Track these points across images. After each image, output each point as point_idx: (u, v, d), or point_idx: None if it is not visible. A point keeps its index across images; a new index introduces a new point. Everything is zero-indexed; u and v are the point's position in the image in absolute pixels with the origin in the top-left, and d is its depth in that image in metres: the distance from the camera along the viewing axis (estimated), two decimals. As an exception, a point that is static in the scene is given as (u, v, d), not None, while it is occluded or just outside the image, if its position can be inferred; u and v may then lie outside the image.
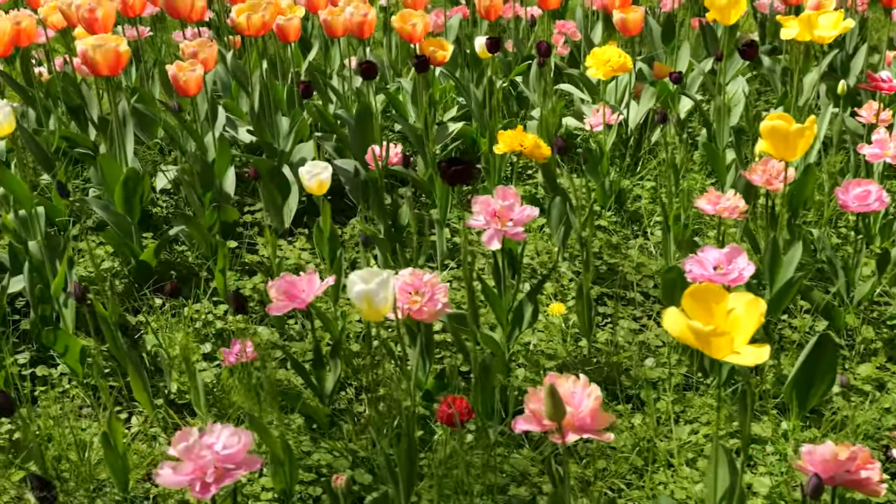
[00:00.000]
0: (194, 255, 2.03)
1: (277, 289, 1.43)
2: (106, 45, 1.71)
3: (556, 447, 1.45)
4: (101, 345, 1.75)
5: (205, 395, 1.44)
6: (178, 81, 1.84)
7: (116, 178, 1.91)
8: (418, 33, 2.20)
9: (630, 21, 2.36)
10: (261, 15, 1.99)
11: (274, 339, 1.79)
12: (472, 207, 1.58)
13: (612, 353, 1.73)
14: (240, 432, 1.07)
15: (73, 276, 1.60)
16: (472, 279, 1.48)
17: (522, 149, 1.88)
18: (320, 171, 1.54)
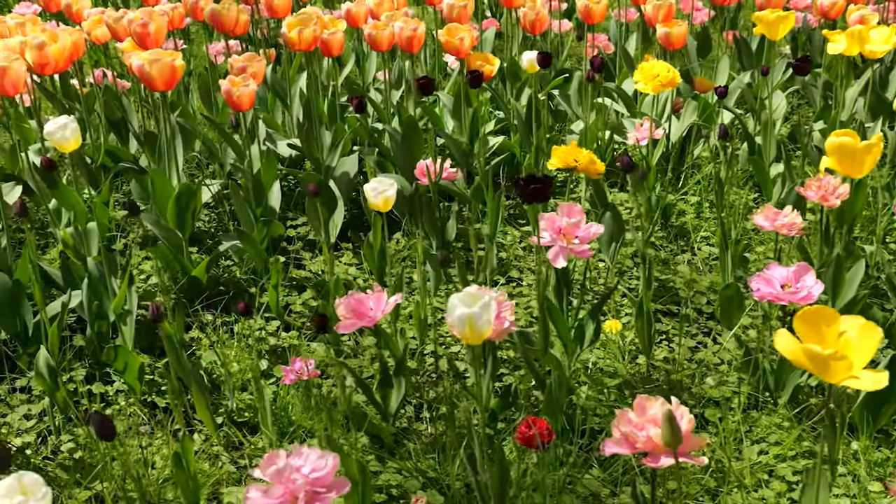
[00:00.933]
0: (242, 271, 2.02)
1: (346, 307, 1.42)
2: (162, 59, 1.70)
3: (627, 469, 1.44)
4: (156, 362, 1.74)
5: (280, 414, 1.42)
6: (231, 96, 1.83)
7: (166, 193, 1.91)
8: (465, 47, 2.19)
9: (674, 35, 2.35)
10: (312, 30, 1.99)
11: (329, 356, 1.77)
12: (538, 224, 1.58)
13: (672, 371, 1.71)
14: (327, 455, 1.06)
15: (133, 293, 1.59)
16: (545, 297, 1.46)
17: (577, 164, 1.86)
18: (386, 188, 1.53)
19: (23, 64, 1.74)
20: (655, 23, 2.45)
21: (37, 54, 1.65)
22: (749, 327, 1.85)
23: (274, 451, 1.06)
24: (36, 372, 1.52)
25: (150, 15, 1.84)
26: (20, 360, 1.73)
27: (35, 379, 1.53)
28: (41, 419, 1.62)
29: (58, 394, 1.55)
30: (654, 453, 1.08)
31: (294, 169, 2.24)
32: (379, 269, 2.00)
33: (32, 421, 1.60)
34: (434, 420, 1.59)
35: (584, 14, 2.45)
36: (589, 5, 2.43)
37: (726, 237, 1.85)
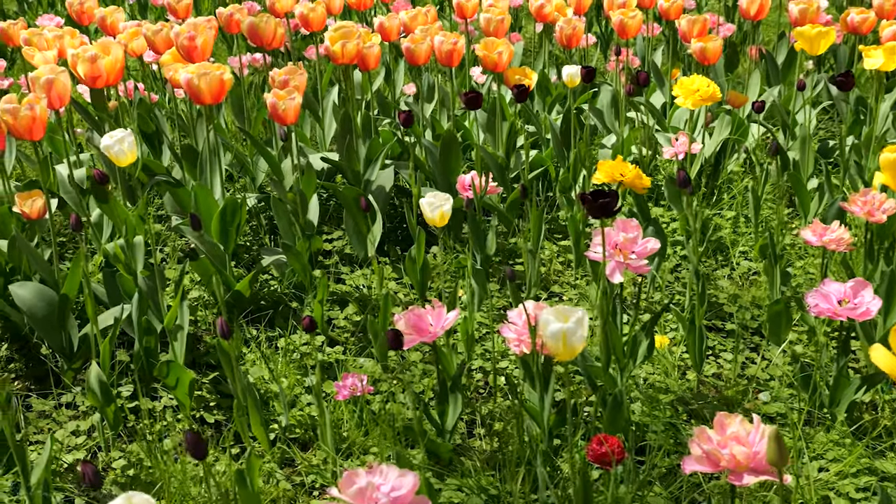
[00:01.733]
0: (284, 285, 2.01)
1: (406, 322, 1.41)
2: (211, 73, 1.69)
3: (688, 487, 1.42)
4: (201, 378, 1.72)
5: (332, 431, 1.41)
6: (276, 110, 1.82)
7: (209, 207, 1.89)
8: (503, 62, 2.19)
9: (709, 50, 2.35)
10: (355, 43, 1.98)
11: (377, 371, 1.76)
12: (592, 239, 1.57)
13: (724, 387, 1.70)
14: (407, 473, 1.05)
15: (184, 308, 1.58)
16: (608, 312, 1.45)
17: (622, 178, 1.86)
18: (443, 203, 1.52)
19: (68, 76, 1.73)
20: (690, 38, 2.45)
21: (89, 67, 1.64)
22: (795, 342, 1.84)
23: (353, 471, 1.04)
24: (87, 387, 1.51)
25: (197, 28, 1.83)
26: (65, 375, 1.72)
27: (86, 394, 1.51)
28: (89, 435, 1.60)
29: (108, 409, 1.53)
30: (736, 471, 1.07)
31: (331, 182, 2.23)
32: (421, 283, 1.99)
33: (81, 437, 1.58)
34: (489, 436, 1.58)
35: (619, 28, 2.45)
36: (624, 20, 2.43)
37: (775, 252, 1.84)
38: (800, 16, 2.41)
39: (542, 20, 2.53)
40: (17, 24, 2.43)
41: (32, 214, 1.73)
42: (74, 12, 2.55)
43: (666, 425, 1.58)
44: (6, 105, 1.50)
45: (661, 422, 1.59)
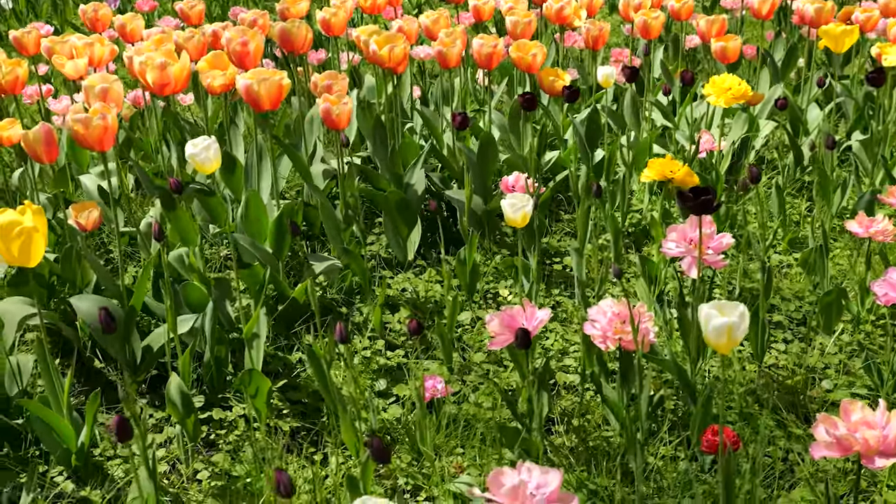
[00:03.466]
0: (334, 291, 2.00)
1: (500, 322, 1.42)
2: (270, 79, 1.68)
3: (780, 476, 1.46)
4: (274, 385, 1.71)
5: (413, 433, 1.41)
6: (329, 115, 1.81)
7: (259, 213, 1.88)
8: (537, 63, 2.21)
9: (729, 49, 2.40)
10: (402, 47, 1.98)
11: (442, 372, 1.76)
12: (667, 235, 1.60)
13: (786, 377, 1.74)
14: (550, 470, 1.06)
15: (263, 316, 1.56)
16: (686, 308, 1.48)
17: (672, 175, 1.89)
18: (525, 204, 1.53)
19: (121, 85, 1.70)
20: (709, 37, 2.50)
21: (158, 74, 1.62)
22: (842, 332, 1.89)
23: (499, 469, 1.05)
24: (167, 399, 1.48)
25: (249, 34, 1.81)
26: (129, 387, 1.69)
27: (167, 406, 1.49)
28: (164, 446, 1.57)
29: (188, 421, 1.51)
30: (867, 455, 1.10)
31: (370, 187, 2.22)
32: (470, 285, 2.00)
33: (160, 450, 1.56)
34: (569, 432, 1.60)
35: (643, 29, 2.49)
36: (647, 20, 2.47)
37: (825, 245, 1.89)
38: (815, 15, 2.47)
39: (561, 22, 2.56)
40: (31, 32, 2.38)
41: (88, 226, 1.69)
42: (88, 20, 2.51)
43: (740, 416, 1.61)
44: (77, 115, 1.47)
45: (735, 413, 1.62)
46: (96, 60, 2.09)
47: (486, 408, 1.65)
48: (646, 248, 2.30)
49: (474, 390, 1.72)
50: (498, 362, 1.81)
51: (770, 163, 2.78)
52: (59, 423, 1.38)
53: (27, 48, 2.35)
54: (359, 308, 2.00)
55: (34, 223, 1.25)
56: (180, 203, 1.68)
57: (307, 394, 1.71)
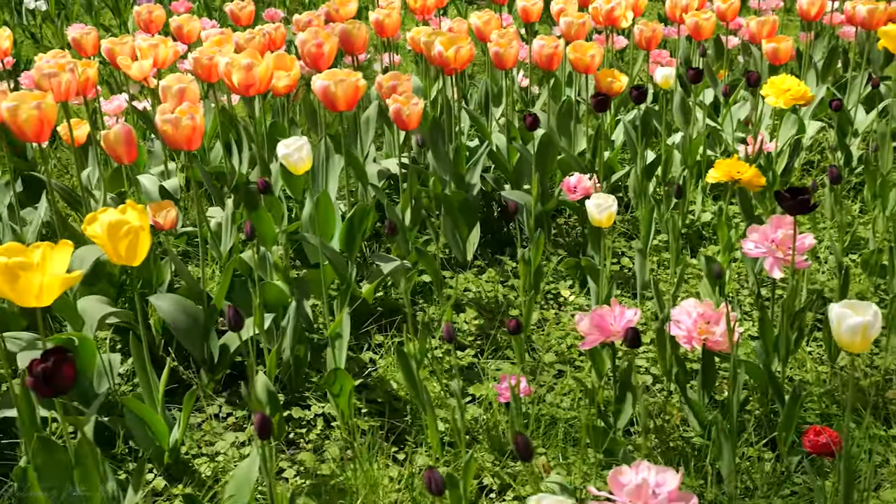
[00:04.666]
0: (400, 291, 2.00)
1: (590, 322, 1.43)
2: (347, 80, 1.69)
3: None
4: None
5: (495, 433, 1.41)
6: (400, 115, 1.82)
7: (328, 214, 1.89)
8: (595, 64, 2.22)
9: (781, 50, 2.41)
10: (469, 49, 1.99)
11: (515, 372, 1.77)
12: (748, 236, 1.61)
13: (859, 377, 1.75)
14: (666, 469, 1.06)
15: (347, 316, 1.57)
16: (764, 308, 1.49)
17: (740, 176, 1.90)
18: (610, 204, 1.54)
19: (197, 85, 1.72)
20: (760, 38, 2.50)
21: (244, 75, 1.62)
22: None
23: (618, 469, 1.06)
24: (253, 398, 1.49)
25: (324, 35, 1.82)
26: (207, 387, 1.70)
27: (252, 404, 1.50)
28: (240, 447, 1.58)
29: (273, 420, 1.52)
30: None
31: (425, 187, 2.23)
32: (534, 285, 2.01)
33: (245, 448, 1.57)
34: (648, 433, 1.60)
35: (694, 30, 2.50)
36: (699, 21, 2.48)
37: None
38: (868, 16, 2.48)
39: (611, 23, 2.57)
40: (90, 34, 2.39)
41: (166, 225, 1.70)
42: (143, 21, 2.52)
43: (821, 418, 1.62)
44: (167, 116, 1.48)
45: (815, 414, 1.63)
46: (160, 61, 2.10)
47: (563, 407, 1.66)
48: (702, 248, 2.31)
49: (549, 390, 1.73)
50: (568, 362, 1.82)
51: (817, 164, 2.79)
52: (154, 420, 1.39)
53: (85, 49, 2.36)
54: (423, 308, 2.01)
55: (140, 222, 1.26)
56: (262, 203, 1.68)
57: (381, 392, 1.72)
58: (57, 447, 1.19)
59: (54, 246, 1.14)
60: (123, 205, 1.30)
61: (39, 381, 0.86)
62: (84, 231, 1.28)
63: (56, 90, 1.68)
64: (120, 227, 1.24)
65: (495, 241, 2.37)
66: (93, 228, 1.27)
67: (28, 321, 1.83)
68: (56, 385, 0.86)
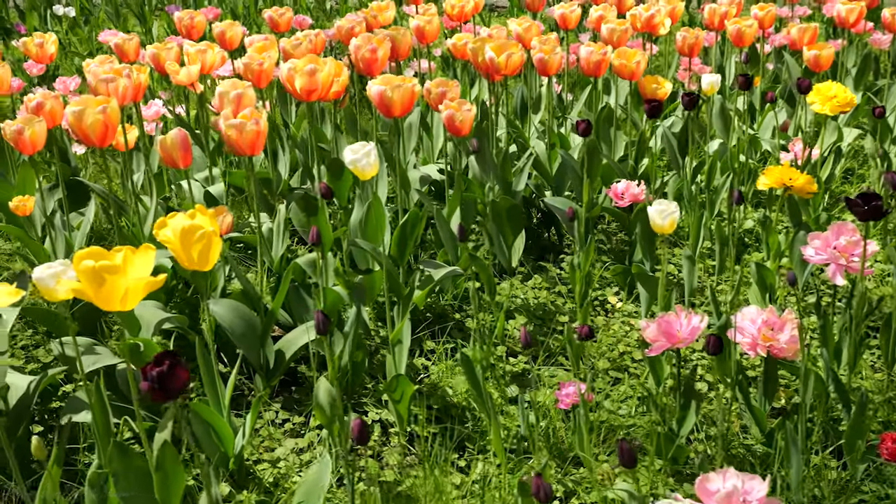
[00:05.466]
0: (449, 297, 2.00)
1: (657, 328, 1.42)
2: (404, 85, 1.69)
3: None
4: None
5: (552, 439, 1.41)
6: (453, 122, 1.82)
7: (381, 220, 1.89)
8: (640, 70, 2.22)
9: (823, 57, 2.41)
10: (519, 55, 1.99)
11: (570, 379, 1.76)
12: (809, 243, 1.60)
13: (916, 386, 1.74)
14: (754, 477, 1.06)
15: (408, 322, 1.57)
16: (830, 316, 1.48)
17: (792, 183, 1.89)
18: (673, 211, 1.54)
19: (253, 91, 1.72)
20: (801, 45, 2.50)
21: (307, 80, 1.62)
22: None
23: (705, 476, 1.05)
24: (315, 403, 1.49)
25: (377, 41, 1.82)
26: (263, 392, 1.70)
27: (315, 410, 1.50)
28: (300, 453, 1.58)
29: (334, 426, 1.51)
30: None
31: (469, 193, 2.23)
32: (583, 291, 2.00)
33: (306, 454, 1.57)
34: (710, 440, 1.60)
35: (736, 37, 2.50)
36: (741, 29, 2.47)
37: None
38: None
39: (650, 30, 2.57)
40: (132, 39, 2.40)
41: (223, 230, 1.70)
42: (184, 27, 2.52)
43: (884, 425, 1.61)
44: (231, 121, 1.48)
45: (877, 422, 1.62)
46: (207, 66, 2.10)
47: (621, 414, 1.66)
48: (746, 255, 2.30)
49: (605, 397, 1.72)
50: (621, 369, 1.82)
51: (854, 171, 2.78)
52: (221, 425, 1.39)
53: (128, 55, 2.37)
54: (470, 314, 2.01)
55: (213, 227, 1.25)
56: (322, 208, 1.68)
57: (437, 399, 1.71)
58: (133, 453, 1.19)
59: (135, 250, 1.14)
60: (192, 209, 1.30)
61: (154, 385, 0.85)
62: (156, 236, 1.27)
63: (113, 95, 1.68)
64: (193, 232, 1.24)
65: (536, 247, 2.37)
66: (164, 233, 1.27)
67: (79, 326, 1.83)
68: (170, 389, 0.86)
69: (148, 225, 1.90)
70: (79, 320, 1.82)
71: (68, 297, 1.15)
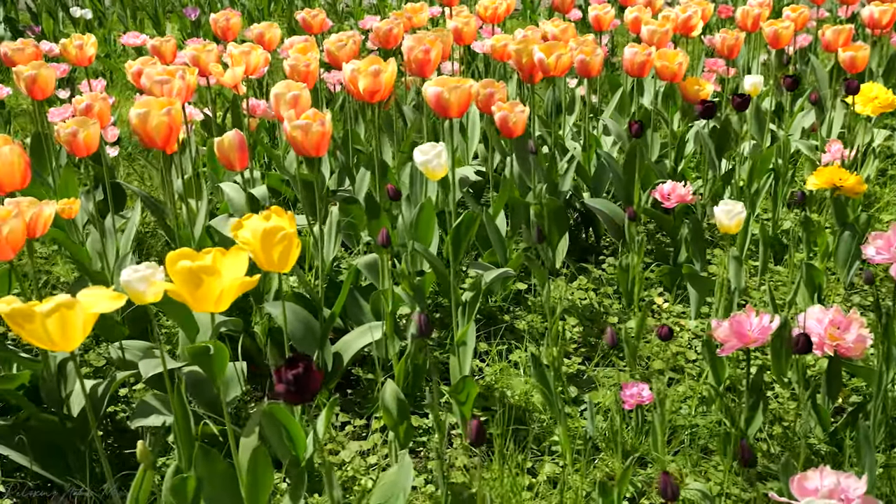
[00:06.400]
0: (498, 298, 2.00)
1: (729, 328, 1.42)
2: (461, 86, 1.68)
3: None
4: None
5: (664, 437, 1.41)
6: (507, 123, 1.82)
7: (431, 222, 1.88)
8: (682, 72, 2.22)
9: (859, 59, 2.41)
10: (569, 56, 1.99)
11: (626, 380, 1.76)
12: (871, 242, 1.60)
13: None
14: (850, 475, 1.06)
15: (473, 325, 1.56)
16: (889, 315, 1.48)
17: (842, 183, 1.90)
18: (740, 211, 1.54)
19: (308, 92, 1.71)
20: (836, 47, 2.51)
21: (371, 81, 1.62)
22: None
23: (802, 474, 1.06)
24: (382, 405, 1.48)
25: (430, 41, 1.82)
26: (321, 395, 1.69)
27: (382, 413, 1.49)
28: (365, 456, 1.57)
29: (400, 428, 1.51)
30: None
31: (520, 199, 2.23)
32: (630, 292, 2.00)
33: (372, 457, 1.56)
34: (773, 438, 1.60)
35: (773, 38, 2.50)
36: (778, 30, 2.48)
37: None
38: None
39: (686, 32, 2.57)
40: (170, 41, 2.39)
41: (278, 233, 1.69)
42: (220, 28, 2.52)
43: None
44: (297, 122, 1.47)
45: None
46: (251, 68, 2.09)
47: (682, 414, 1.65)
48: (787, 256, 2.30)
49: (664, 398, 1.72)
50: (677, 369, 1.82)
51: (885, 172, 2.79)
52: (295, 428, 1.38)
53: (165, 57, 2.36)
54: (518, 315, 2.01)
55: (293, 228, 1.25)
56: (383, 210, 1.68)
57: (494, 400, 1.71)
58: (218, 457, 1.19)
59: (225, 251, 1.13)
60: (266, 211, 1.30)
61: (290, 386, 0.85)
62: (234, 237, 1.27)
63: (168, 97, 1.67)
64: (275, 234, 1.23)
65: (576, 249, 2.37)
66: (243, 235, 1.26)
67: (129, 330, 1.82)
68: (306, 390, 0.86)
69: (198, 226, 1.90)
70: (128, 324, 1.81)
71: (157, 299, 1.14)
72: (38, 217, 1.29)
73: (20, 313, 0.96)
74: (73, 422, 1.43)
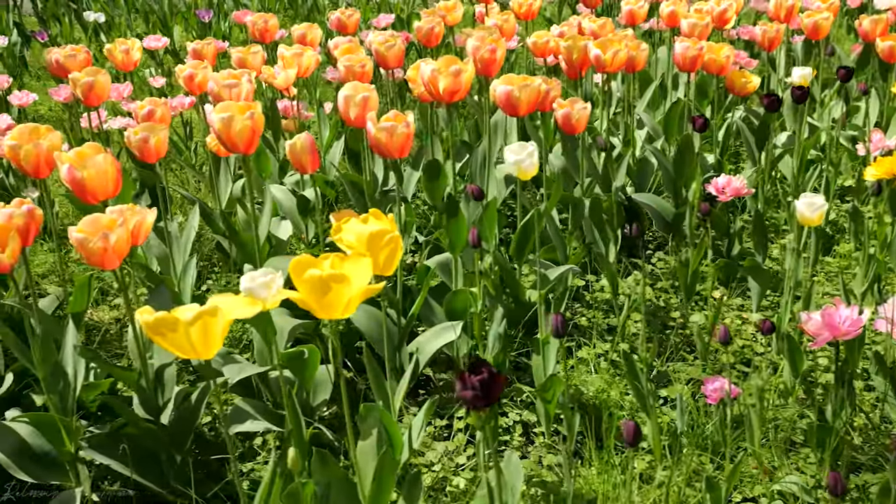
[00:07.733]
0: (557, 295, 2.00)
1: (821, 321, 1.43)
2: (531, 85, 1.68)
3: None
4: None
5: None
6: (569, 120, 1.82)
7: (492, 221, 1.88)
8: (729, 65, 2.23)
9: (898, 48, 2.43)
10: (625, 51, 1.99)
11: (699, 374, 1.77)
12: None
13: None
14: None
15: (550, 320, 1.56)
16: None
17: (901, 174, 1.91)
18: (822, 203, 1.55)
19: (376, 93, 1.71)
20: (873, 38, 2.52)
21: (451, 81, 1.61)
22: None
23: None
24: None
25: (494, 40, 1.81)
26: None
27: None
28: (452, 457, 1.57)
29: (488, 427, 1.51)
30: None
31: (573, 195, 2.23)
32: (689, 288, 2.01)
33: (460, 457, 1.56)
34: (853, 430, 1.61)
35: (812, 30, 2.51)
36: (818, 21, 2.49)
37: None
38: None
39: (721, 25, 2.58)
40: (210, 43, 2.37)
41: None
42: (258, 31, 2.50)
43: None
44: (382, 124, 1.47)
45: None
46: (303, 70, 2.08)
47: (759, 408, 1.66)
48: (836, 247, 2.31)
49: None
50: (746, 363, 1.83)
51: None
52: (394, 429, 1.38)
53: (205, 59, 2.35)
54: (579, 311, 2.01)
55: (396, 231, 1.24)
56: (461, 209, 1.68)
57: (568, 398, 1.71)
58: (334, 462, 1.18)
59: (343, 257, 1.13)
60: (365, 214, 1.29)
61: (478, 392, 0.85)
62: (336, 241, 1.26)
63: (237, 100, 1.66)
64: (381, 237, 1.23)
65: (623, 244, 2.38)
66: (347, 238, 1.26)
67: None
68: (492, 395, 0.85)
69: (263, 229, 1.89)
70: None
71: (275, 306, 1.14)
72: (140, 224, 1.28)
73: (163, 323, 0.95)
74: (166, 429, 1.42)
